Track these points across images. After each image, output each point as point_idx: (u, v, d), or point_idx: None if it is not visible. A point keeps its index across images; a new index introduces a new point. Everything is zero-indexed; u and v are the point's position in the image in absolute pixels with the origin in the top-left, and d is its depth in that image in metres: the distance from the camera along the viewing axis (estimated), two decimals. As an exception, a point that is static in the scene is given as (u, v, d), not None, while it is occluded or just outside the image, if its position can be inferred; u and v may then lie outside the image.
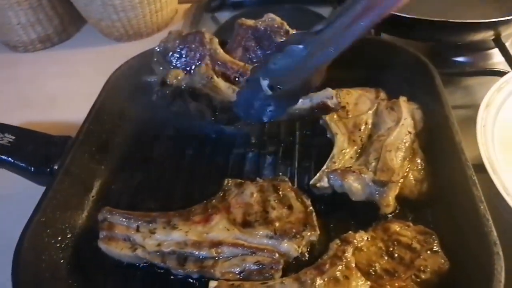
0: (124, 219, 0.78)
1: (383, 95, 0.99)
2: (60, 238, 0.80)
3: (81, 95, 1.27)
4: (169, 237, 0.75)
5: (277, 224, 0.74)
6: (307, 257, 0.75)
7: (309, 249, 0.76)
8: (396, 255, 0.70)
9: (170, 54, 1.06)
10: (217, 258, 0.72)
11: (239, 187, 0.82)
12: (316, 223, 0.76)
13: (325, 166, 0.85)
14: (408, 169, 0.83)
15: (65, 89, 1.40)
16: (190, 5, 1.69)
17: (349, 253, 0.68)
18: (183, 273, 0.72)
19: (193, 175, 0.94)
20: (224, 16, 1.60)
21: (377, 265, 0.69)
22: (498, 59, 1.23)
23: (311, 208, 0.78)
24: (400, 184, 0.80)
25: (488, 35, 1.12)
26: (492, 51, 1.26)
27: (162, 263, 0.73)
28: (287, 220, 0.75)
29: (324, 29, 0.73)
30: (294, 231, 0.73)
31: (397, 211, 0.80)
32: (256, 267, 0.70)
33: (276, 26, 1.02)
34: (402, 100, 0.94)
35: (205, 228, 0.75)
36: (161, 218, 0.78)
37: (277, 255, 0.71)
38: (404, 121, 0.89)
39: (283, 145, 0.97)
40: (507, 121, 0.93)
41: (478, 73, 1.18)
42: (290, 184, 0.83)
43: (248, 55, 1.04)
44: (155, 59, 1.07)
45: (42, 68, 1.52)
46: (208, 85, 0.95)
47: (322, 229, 0.77)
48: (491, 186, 0.78)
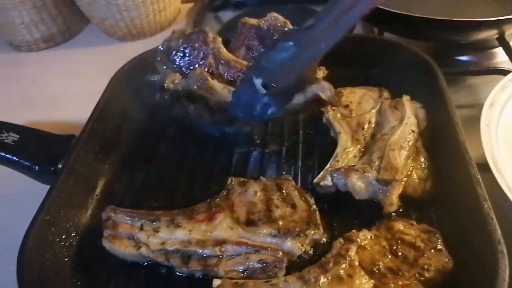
0: (128, 217, 0.78)
1: (386, 94, 0.98)
2: (64, 236, 0.80)
3: (84, 95, 1.28)
4: (173, 235, 0.75)
5: (280, 223, 0.75)
6: (311, 256, 0.75)
7: (312, 248, 0.76)
8: (400, 254, 0.70)
9: (173, 53, 1.06)
10: (221, 256, 0.72)
11: (242, 185, 0.82)
12: (319, 221, 0.76)
13: (328, 165, 0.85)
14: (411, 168, 0.83)
15: (68, 89, 1.40)
16: (193, 5, 1.69)
17: (352, 252, 0.68)
18: (187, 271, 0.73)
19: (196, 174, 0.94)
20: (227, 15, 1.61)
21: (380, 263, 0.69)
22: (502, 58, 1.22)
23: (314, 206, 0.78)
24: (403, 183, 0.80)
25: (491, 33, 1.12)
26: (495, 50, 1.25)
27: (166, 262, 0.73)
28: (290, 218, 0.76)
29: (313, 25, 0.74)
30: (297, 229, 0.73)
31: (401, 210, 0.80)
32: (259, 266, 0.70)
33: (279, 25, 1.02)
34: (406, 99, 0.94)
35: (208, 227, 0.75)
36: (165, 217, 0.78)
37: (280, 253, 0.71)
38: (408, 120, 0.89)
39: (286, 144, 0.97)
40: (511, 120, 0.93)
41: (482, 72, 1.18)
42: (294, 183, 0.83)
43: (251, 54, 1.04)
44: (159, 58, 1.07)
45: (46, 68, 1.52)
46: (203, 86, 0.96)
47: (326, 227, 0.77)
48: (495, 185, 0.78)
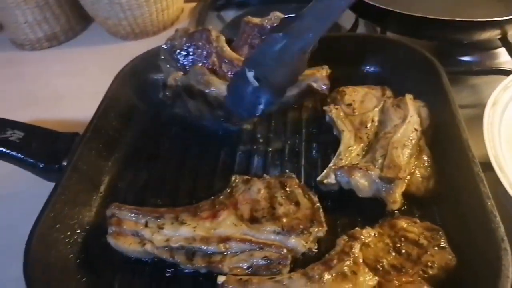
0: (132, 214, 0.79)
1: (389, 93, 0.99)
2: (69, 233, 0.80)
3: (87, 93, 1.28)
4: (177, 232, 0.75)
5: (284, 220, 0.75)
6: (314, 253, 0.75)
7: (316, 245, 0.76)
8: (403, 251, 0.70)
9: (177, 51, 1.07)
10: (225, 253, 0.72)
11: (246, 183, 0.82)
12: (323, 219, 0.76)
13: (332, 163, 0.85)
14: (414, 167, 0.84)
15: (71, 87, 1.41)
16: (196, 4, 1.70)
17: (356, 249, 0.68)
18: (192, 268, 0.73)
19: (199, 172, 0.94)
20: (230, 15, 1.61)
21: (384, 261, 0.69)
22: (504, 58, 1.23)
23: (318, 204, 0.78)
24: (406, 181, 0.80)
25: (494, 34, 1.12)
26: (498, 50, 1.25)
27: (171, 258, 0.73)
28: (294, 216, 0.76)
29: (301, 16, 0.74)
30: (301, 227, 0.74)
31: (404, 208, 0.80)
32: (264, 262, 0.70)
33: (282, 24, 1.02)
34: (408, 97, 0.95)
35: (212, 224, 0.75)
36: (169, 214, 0.78)
37: (285, 250, 0.71)
38: (411, 119, 0.90)
39: (289, 142, 0.98)
40: (513, 120, 0.94)
41: (484, 72, 1.17)
42: (297, 180, 0.83)
43: (254, 53, 1.04)
44: (162, 56, 1.07)
45: (49, 66, 1.52)
46: (201, 81, 0.96)
47: (329, 225, 0.77)
48: (498, 185, 0.78)
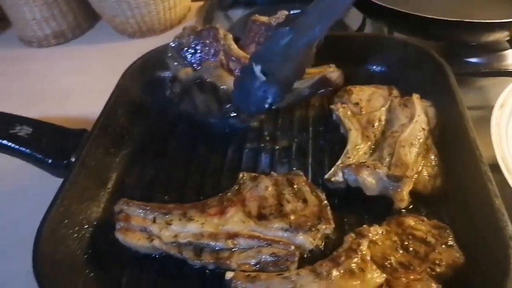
0: (140, 210, 0.79)
1: (395, 92, 0.99)
2: (77, 229, 0.81)
3: (94, 91, 1.30)
4: (185, 228, 0.75)
5: (292, 217, 0.75)
6: (322, 250, 0.76)
7: (323, 243, 0.76)
8: (411, 249, 0.71)
9: (184, 49, 1.07)
10: (233, 249, 0.72)
11: (254, 180, 0.82)
12: (331, 216, 0.77)
13: (339, 161, 0.85)
14: (422, 165, 0.84)
15: (78, 84, 1.41)
16: (203, 3, 1.70)
17: (364, 246, 0.69)
18: (200, 264, 0.73)
19: (206, 169, 0.95)
20: (237, 14, 1.61)
21: (392, 258, 0.69)
22: (512, 60, 1.23)
23: (325, 202, 0.78)
24: (414, 180, 0.81)
25: (502, 35, 1.11)
26: (506, 52, 1.25)
27: (179, 254, 0.74)
28: (302, 213, 0.76)
29: (308, 11, 0.75)
30: (309, 224, 0.74)
31: (411, 206, 0.80)
32: (272, 259, 0.70)
33: (289, 22, 1.03)
34: (415, 97, 0.95)
35: (220, 220, 0.76)
36: (177, 210, 0.78)
37: (292, 247, 0.71)
38: (418, 118, 0.90)
39: (296, 140, 0.98)
40: (521, 121, 0.93)
41: (492, 74, 1.17)
42: (305, 178, 0.83)
43: (261, 51, 1.05)
44: (170, 54, 1.08)
45: (56, 64, 1.53)
46: (214, 73, 0.97)
47: (336, 223, 0.77)
48: (506, 186, 0.78)
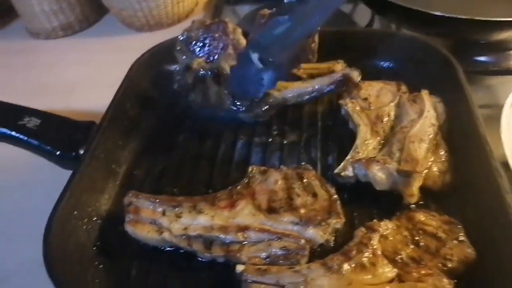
0: (150, 203, 0.79)
1: (404, 88, 0.99)
2: (86, 220, 0.81)
3: (101, 83, 1.30)
4: (195, 221, 0.75)
5: (302, 211, 0.75)
6: (331, 245, 0.76)
7: (333, 237, 0.76)
8: (422, 244, 0.71)
9: (193, 43, 1.07)
10: (243, 242, 0.72)
11: (263, 174, 0.82)
12: (341, 210, 0.77)
13: (349, 156, 0.85)
14: (431, 161, 0.84)
15: (85, 77, 1.41)
16: (211, -3, 1.70)
17: (375, 241, 0.69)
18: (209, 257, 0.73)
19: (215, 162, 0.95)
20: (245, 9, 1.61)
21: (403, 253, 0.69)
22: (522, 59, 1.22)
23: (335, 196, 0.78)
24: (423, 175, 0.80)
25: (512, 34, 1.11)
26: (515, 51, 1.25)
27: (188, 247, 0.74)
28: (312, 207, 0.76)
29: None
30: (319, 218, 0.74)
31: (420, 202, 0.80)
32: (282, 252, 0.70)
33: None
34: (424, 93, 0.95)
35: (231, 213, 0.76)
36: (187, 203, 0.78)
37: (303, 241, 0.71)
38: (428, 114, 0.90)
39: (305, 135, 0.98)
40: (531, 120, 0.93)
41: (501, 72, 1.16)
42: (314, 172, 0.83)
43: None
44: (178, 47, 1.08)
45: (63, 56, 1.53)
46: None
47: (346, 217, 0.77)
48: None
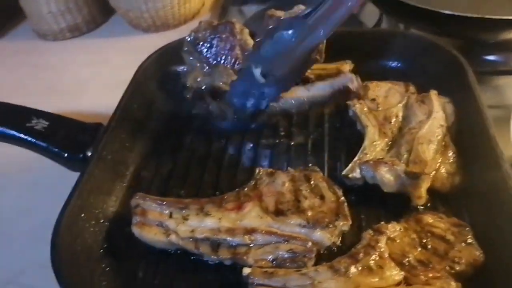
0: (157, 205, 0.79)
1: (412, 88, 0.98)
2: (93, 222, 0.81)
3: (108, 84, 1.30)
4: (202, 223, 0.75)
5: (309, 213, 0.74)
6: (339, 247, 0.75)
7: (340, 239, 0.76)
8: (430, 247, 0.70)
9: (200, 44, 1.07)
10: (250, 245, 0.72)
11: (270, 176, 0.82)
12: (348, 213, 0.76)
13: (356, 157, 0.85)
14: (440, 163, 0.83)
15: (92, 78, 1.42)
16: (217, -3, 1.71)
17: (382, 243, 0.68)
18: (216, 259, 0.73)
19: (222, 164, 0.94)
20: (251, 9, 1.61)
21: (410, 255, 0.69)
22: (531, 58, 1.21)
23: (343, 198, 0.78)
24: (432, 177, 0.80)
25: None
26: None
27: (195, 250, 0.73)
28: (319, 209, 0.75)
29: (311, 12, 0.74)
30: (326, 220, 0.73)
31: (428, 204, 0.80)
32: (289, 255, 0.70)
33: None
34: (433, 93, 0.94)
35: (238, 216, 0.75)
36: (194, 205, 0.78)
37: (310, 243, 0.71)
38: (436, 115, 0.89)
39: (312, 136, 0.97)
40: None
41: (510, 72, 1.16)
42: (322, 174, 0.83)
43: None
44: (186, 48, 1.08)
45: (70, 57, 1.53)
46: (228, 82, 0.96)
47: (353, 219, 0.77)
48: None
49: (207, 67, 1.06)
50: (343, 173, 0.83)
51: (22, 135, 0.92)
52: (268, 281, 0.66)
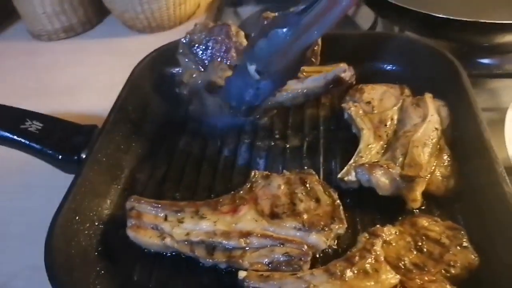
0: (152, 208, 0.79)
1: (407, 91, 0.98)
2: (88, 225, 0.80)
3: (103, 85, 1.30)
4: (197, 226, 0.75)
5: (305, 216, 0.74)
6: (334, 250, 0.75)
7: (335, 242, 0.76)
8: (425, 250, 0.70)
9: (196, 46, 1.07)
10: (245, 248, 0.72)
11: (266, 179, 0.82)
12: (343, 216, 0.76)
13: (352, 160, 0.85)
14: (434, 166, 0.83)
15: (87, 79, 1.41)
16: (213, -1, 1.71)
17: (378, 247, 0.68)
18: (212, 263, 0.73)
19: (217, 167, 0.94)
20: (246, 10, 1.61)
21: (406, 259, 0.69)
22: (526, 62, 1.21)
23: (338, 201, 0.78)
24: (427, 180, 0.80)
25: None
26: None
27: (191, 253, 0.73)
28: (315, 212, 0.75)
29: (306, 10, 0.74)
30: (322, 223, 0.73)
31: (423, 207, 0.80)
32: (284, 258, 0.70)
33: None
34: (428, 96, 0.94)
35: (233, 219, 0.75)
36: (189, 208, 0.78)
37: (305, 247, 0.71)
38: (431, 118, 0.89)
39: (307, 139, 0.97)
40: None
41: (505, 75, 1.15)
42: (317, 177, 0.83)
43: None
44: (181, 50, 1.08)
45: (65, 58, 1.53)
46: (223, 76, 0.97)
47: (348, 222, 0.77)
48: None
49: (202, 70, 1.06)
50: (339, 176, 0.83)
51: (15, 137, 0.92)
52: (263, 284, 0.66)
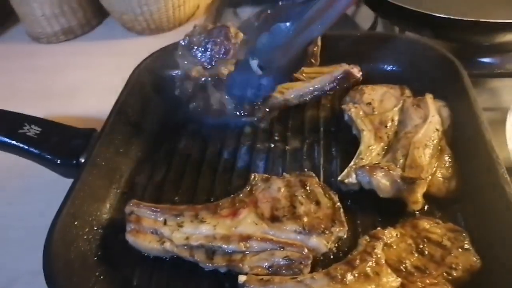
0: (151, 212, 0.78)
1: (408, 92, 0.98)
2: (87, 230, 0.80)
3: (102, 87, 1.29)
4: (197, 230, 0.75)
5: (305, 219, 0.74)
6: (334, 253, 0.75)
7: (336, 245, 0.75)
8: (426, 252, 0.70)
9: (195, 48, 1.06)
10: (245, 252, 0.71)
11: (266, 182, 0.81)
12: (344, 219, 0.76)
13: (352, 162, 0.84)
14: (435, 167, 0.83)
15: (86, 81, 1.41)
16: (212, 0, 1.69)
17: (378, 249, 0.68)
18: (212, 267, 0.72)
19: (217, 169, 0.94)
20: (246, 11, 1.60)
21: (407, 261, 0.68)
22: (526, 61, 1.20)
23: (339, 204, 0.77)
24: (428, 182, 0.80)
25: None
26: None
27: (190, 257, 0.73)
28: (315, 215, 0.75)
29: (309, 7, 0.74)
30: (322, 226, 0.73)
31: (425, 209, 0.79)
32: (285, 262, 0.69)
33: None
34: (429, 97, 0.94)
35: (233, 222, 0.75)
36: (188, 212, 0.77)
37: (306, 250, 0.70)
38: (432, 118, 0.89)
39: (307, 141, 0.97)
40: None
41: (506, 74, 1.15)
42: (317, 179, 0.82)
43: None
44: (180, 52, 1.07)
45: (64, 60, 1.53)
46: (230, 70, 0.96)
47: (349, 225, 0.76)
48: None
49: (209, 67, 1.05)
50: (339, 178, 0.83)
51: (14, 142, 0.91)
52: (264, 288, 0.65)
